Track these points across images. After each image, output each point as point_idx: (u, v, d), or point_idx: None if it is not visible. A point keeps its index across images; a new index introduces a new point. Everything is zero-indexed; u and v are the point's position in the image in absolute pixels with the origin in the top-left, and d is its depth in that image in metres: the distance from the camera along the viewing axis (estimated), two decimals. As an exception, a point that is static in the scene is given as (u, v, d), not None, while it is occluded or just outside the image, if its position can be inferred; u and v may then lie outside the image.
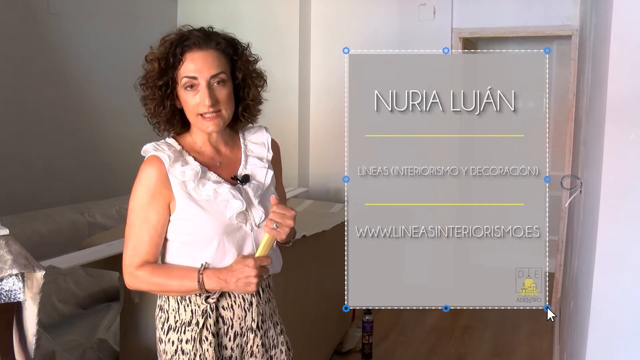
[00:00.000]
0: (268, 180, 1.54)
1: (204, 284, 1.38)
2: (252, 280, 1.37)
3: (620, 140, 1.29)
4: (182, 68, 1.39)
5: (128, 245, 1.43)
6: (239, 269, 1.37)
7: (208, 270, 1.40)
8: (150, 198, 1.40)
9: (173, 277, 1.41)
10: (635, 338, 1.32)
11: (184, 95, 1.40)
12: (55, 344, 2.33)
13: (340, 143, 4.53)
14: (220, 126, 1.44)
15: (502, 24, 4.04)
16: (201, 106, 1.39)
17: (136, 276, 1.42)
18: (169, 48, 1.40)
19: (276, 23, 4.38)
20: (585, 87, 2.45)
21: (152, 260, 1.43)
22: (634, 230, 1.29)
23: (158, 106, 1.42)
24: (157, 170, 1.40)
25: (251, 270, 1.36)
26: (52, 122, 3.60)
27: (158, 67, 1.40)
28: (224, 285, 1.39)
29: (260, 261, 1.39)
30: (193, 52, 1.39)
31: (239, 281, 1.37)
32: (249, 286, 1.38)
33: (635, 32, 1.25)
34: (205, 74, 1.39)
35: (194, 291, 1.41)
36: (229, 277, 1.38)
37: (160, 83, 1.40)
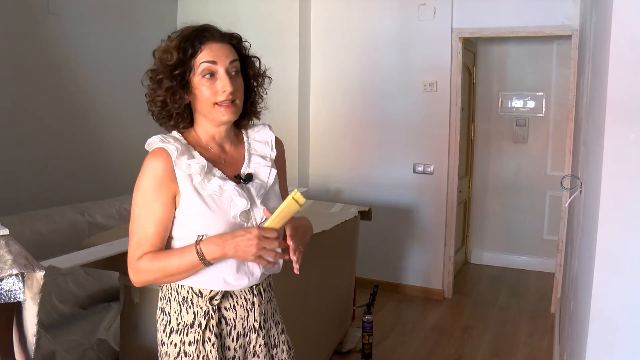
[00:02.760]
0: (271, 180, 1.55)
1: (203, 253, 1.35)
2: (251, 248, 1.32)
3: (620, 140, 1.29)
4: (200, 56, 1.40)
5: (132, 240, 1.41)
6: (240, 234, 1.34)
7: (206, 239, 1.37)
8: (156, 190, 1.38)
9: (172, 255, 1.38)
10: (635, 338, 1.32)
11: (201, 83, 1.40)
12: (55, 344, 2.34)
13: (340, 143, 4.55)
14: (235, 116, 1.45)
15: (502, 24, 4.04)
16: (220, 93, 1.40)
17: (138, 268, 1.39)
18: (187, 39, 1.40)
19: (276, 23, 4.38)
20: (585, 87, 2.45)
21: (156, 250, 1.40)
22: (634, 230, 1.29)
23: (172, 96, 1.41)
24: (164, 162, 1.39)
25: (252, 237, 1.32)
26: (52, 122, 3.60)
27: (176, 57, 1.39)
28: (223, 250, 1.35)
29: (264, 231, 1.34)
30: (210, 43, 1.41)
31: (238, 246, 1.33)
32: (247, 254, 1.33)
33: (635, 32, 1.25)
34: (225, 60, 1.41)
35: (196, 265, 1.36)
36: (227, 241, 1.34)
37: (176, 72, 1.39)
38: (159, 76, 1.41)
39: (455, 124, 4.27)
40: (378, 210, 3.98)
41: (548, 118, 5.02)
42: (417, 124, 4.34)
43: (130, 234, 1.41)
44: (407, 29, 4.29)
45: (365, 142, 4.53)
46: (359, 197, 4.49)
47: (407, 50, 4.31)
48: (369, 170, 4.53)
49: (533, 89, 5.06)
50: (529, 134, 5.11)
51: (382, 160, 4.48)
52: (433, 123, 4.30)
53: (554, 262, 4.27)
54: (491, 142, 5.25)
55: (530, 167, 5.12)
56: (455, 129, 4.28)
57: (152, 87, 1.44)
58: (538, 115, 5.07)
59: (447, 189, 4.34)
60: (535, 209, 5.12)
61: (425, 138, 4.34)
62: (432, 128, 4.31)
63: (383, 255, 4.54)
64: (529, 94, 5.08)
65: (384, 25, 4.35)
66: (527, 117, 5.10)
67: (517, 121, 5.13)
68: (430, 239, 4.43)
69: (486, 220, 5.34)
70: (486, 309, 4.27)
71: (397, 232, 4.50)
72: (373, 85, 4.45)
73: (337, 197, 4.56)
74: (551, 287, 4.25)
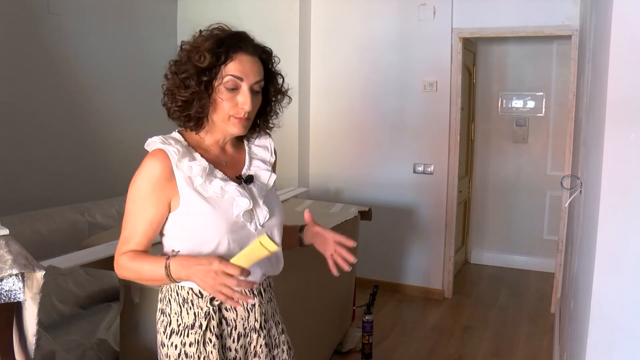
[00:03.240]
0: (271, 183, 1.56)
1: (170, 269, 1.32)
2: (209, 280, 1.26)
3: (620, 140, 1.29)
4: (229, 66, 1.38)
5: (122, 234, 1.41)
6: (202, 263, 1.28)
7: (176, 257, 1.35)
8: (151, 190, 1.38)
9: (146, 262, 1.37)
10: (635, 338, 1.32)
11: (222, 93, 1.38)
12: (55, 344, 2.33)
13: (340, 143, 4.55)
14: (245, 130, 1.44)
15: (502, 24, 4.05)
16: (239, 108, 1.39)
17: (119, 263, 1.40)
18: (221, 44, 1.37)
19: (276, 23, 4.38)
20: (585, 87, 2.45)
21: (139, 250, 1.40)
22: (634, 230, 1.29)
23: (197, 100, 1.38)
24: (163, 164, 1.38)
25: (210, 270, 1.26)
26: (51, 122, 3.60)
27: (209, 61, 1.35)
28: (186, 274, 1.31)
29: (226, 267, 1.25)
30: (243, 55, 1.39)
31: (197, 274, 1.28)
32: (206, 285, 1.27)
33: (635, 32, 1.25)
34: (251, 79, 1.39)
35: (163, 279, 1.34)
36: (192, 266, 1.29)
37: (204, 77, 1.37)
38: (184, 74, 1.38)
39: (455, 124, 4.27)
40: (378, 210, 3.98)
41: (548, 118, 5.02)
42: (417, 124, 4.34)
43: (122, 228, 1.42)
44: (407, 29, 4.29)
45: (365, 142, 4.53)
46: (359, 197, 4.49)
47: (407, 50, 4.31)
48: (369, 170, 4.53)
49: (533, 89, 5.06)
50: (529, 134, 5.11)
51: (382, 160, 4.48)
52: (433, 123, 4.30)
53: (554, 262, 4.27)
54: (491, 142, 5.25)
55: (530, 167, 5.12)
56: (455, 129, 4.28)
57: (175, 83, 1.40)
58: (538, 115, 5.07)
59: (447, 189, 4.34)
60: (535, 209, 5.12)
61: (425, 138, 4.34)
62: (432, 128, 4.31)
63: (383, 255, 4.54)
64: (529, 94, 5.08)
65: (384, 25, 4.36)
66: (527, 117, 5.10)
67: (517, 121, 5.13)
68: (430, 239, 4.43)
69: (486, 220, 5.34)
70: (486, 309, 4.27)
71: (397, 232, 4.50)
72: (373, 85, 4.45)
73: (337, 197, 4.56)
74: (551, 287, 4.25)
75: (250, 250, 1.31)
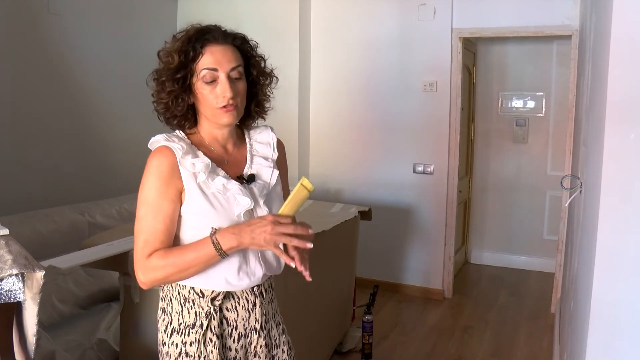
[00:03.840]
0: (274, 180, 1.55)
1: (220, 243, 1.33)
2: (266, 234, 1.30)
3: (620, 140, 1.29)
4: (202, 61, 1.39)
5: (139, 239, 1.37)
6: (255, 221, 1.33)
7: (221, 230, 1.36)
8: (163, 186, 1.37)
9: (187, 249, 1.36)
10: (635, 338, 1.32)
11: (202, 88, 1.40)
12: (55, 344, 2.34)
13: (340, 143, 4.55)
14: (235, 119, 1.45)
15: (502, 24, 4.05)
16: (221, 98, 1.40)
17: (147, 266, 1.35)
18: (188, 42, 1.39)
19: (276, 23, 4.38)
20: (585, 87, 2.45)
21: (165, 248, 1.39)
22: (633, 230, 1.29)
23: (175, 100, 1.41)
24: (169, 159, 1.38)
25: (267, 223, 1.31)
26: (51, 122, 3.60)
27: (177, 60, 1.38)
28: (239, 239, 1.33)
29: (279, 217, 1.33)
30: (212, 46, 1.40)
31: (254, 233, 1.31)
32: (264, 240, 1.31)
33: (635, 32, 1.25)
34: (226, 66, 1.40)
35: (212, 257, 1.34)
36: (243, 230, 1.33)
37: (178, 76, 1.39)
38: (162, 78, 1.41)
39: (455, 124, 4.27)
40: (378, 210, 3.98)
41: (548, 118, 5.02)
42: (417, 124, 4.34)
43: (136, 233, 1.39)
44: (407, 29, 4.29)
45: (365, 142, 4.53)
46: (359, 197, 4.49)
47: (407, 50, 4.31)
48: (369, 170, 4.53)
49: (533, 89, 5.06)
50: (529, 134, 5.11)
51: (382, 160, 4.48)
52: (433, 123, 4.30)
53: (554, 262, 4.28)
54: (491, 142, 5.25)
55: (530, 167, 5.12)
56: (455, 129, 4.28)
57: (156, 88, 1.43)
58: (538, 115, 5.07)
59: (447, 189, 4.34)
60: (535, 209, 5.12)
61: (425, 138, 4.34)
62: (432, 128, 4.31)
63: (383, 255, 4.54)
64: (529, 94, 5.08)
65: (384, 26, 4.36)
66: (527, 117, 5.10)
67: (517, 121, 5.13)
68: (430, 239, 4.43)
69: (486, 220, 5.34)
70: (486, 309, 4.27)
71: (397, 232, 4.50)
72: (373, 85, 4.45)
73: (337, 197, 4.56)
74: (551, 287, 4.25)
75: (294, 194, 1.36)
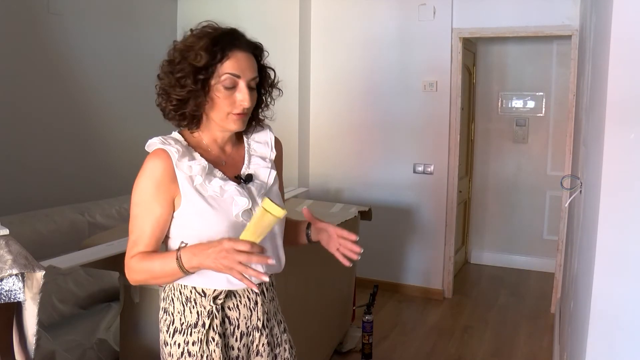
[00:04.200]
0: (271, 180, 1.55)
1: (182, 260, 1.32)
2: (223, 261, 1.25)
3: (620, 140, 1.29)
4: (225, 65, 1.38)
5: (130, 238, 1.41)
6: (214, 244, 1.28)
7: (186, 247, 1.35)
8: (155, 190, 1.38)
9: (156, 259, 1.37)
10: (635, 338, 1.32)
11: (219, 92, 1.39)
12: (55, 344, 2.34)
13: (340, 143, 4.55)
14: (244, 126, 1.46)
15: (502, 24, 4.05)
16: (238, 105, 1.40)
17: (129, 266, 1.39)
18: (216, 43, 1.37)
19: (276, 23, 4.38)
20: (585, 87, 2.45)
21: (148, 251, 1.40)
22: (633, 230, 1.29)
23: (193, 99, 1.38)
24: (164, 163, 1.38)
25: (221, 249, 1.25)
26: (51, 122, 3.60)
27: (205, 60, 1.36)
28: (199, 260, 1.30)
29: (236, 244, 1.25)
30: (238, 52, 1.40)
31: (210, 257, 1.27)
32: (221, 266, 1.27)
33: (635, 32, 1.25)
34: (247, 75, 1.40)
35: (176, 272, 1.34)
36: (203, 251, 1.29)
37: (200, 76, 1.37)
38: (179, 74, 1.37)
39: (455, 124, 4.27)
40: (378, 210, 3.98)
41: (548, 118, 5.02)
42: (417, 124, 4.34)
43: (129, 232, 1.42)
44: (407, 29, 4.29)
45: (365, 142, 4.53)
46: (359, 197, 4.49)
47: (407, 50, 4.31)
48: (369, 170, 4.53)
49: (533, 89, 5.06)
50: (529, 134, 5.11)
51: (382, 160, 4.48)
52: (433, 123, 4.30)
53: (554, 262, 4.28)
54: (491, 142, 5.25)
55: (530, 167, 5.12)
56: (455, 129, 4.28)
57: (170, 82, 1.40)
58: (538, 115, 5.07)
59: (447, 189, 4.34)
60: (535, 209, 5.12)
61: (425, 138, 4.34)
62: (432, 128, 4.31)
63: (383, 255, 4.54)
64: (529, 94, 5.08)
65: (384, 25, 4.36)
66: (527, 117, 5.10)
67: (517, 121, 5.13)
68: (430, 239, 4.43)
69: (486, 220, 5.34)
70: (486, 309, 4.26)
71: (397, 232, 4.50)
72: (373, 85, 4.45)
73: (337, 197, 4.56)
74: (551, 287, 4.25)
75: (256, 220, 1.30)
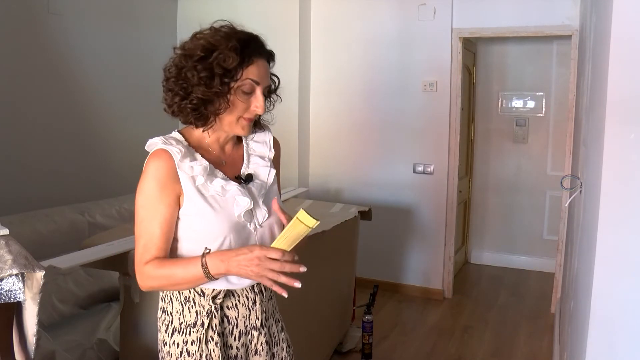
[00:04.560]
0: (270, 179, 1.56)
1: (208, 267, 1.32)
2: (253, 268, 1.28)
3: (620, 140, 1.29)
4: (250, 70, 1.39)
5: (139, 243, 1.39)
6: (242, 252, 1.30)
7: (211, 253, 1.35)
8: (160, 191, 1.37)
9: (178, 265, 1.36)
10: (635, 338, 1.32)
11: (239, 95, 1.39)
12: (55, 344, 2.34)
13: (340, 143, 4.55)
14: (250, 132, 1.49)
15: (502, 24, 4.05)
16: (251, 111, 1.42)
17: (144, 273, 1.38)
18: (245, 47, 1.38)
19: (276, 23, 4.38)
20: (585, 87, 2.45)
21: (162, 256, 1.39)
22: (634, 230, 1.29)
23: (219, 100, 1.38)
24: (167, 164, 1.38)
25: (253, 257, 1.28)
26: (51, 122, 3.60)
27: (236, 63, 1.36)
28: (226, 267, 1.32)
29: (268, 252, 1.29)
30: (259, 59, 1.42)
31: (240, 264, 1.30)
32: (250, 273, 1.30)
33: (635, 32, 1.25)
34: (265, 82, 1.43)
35: (200, 278, 1.34)
36: (231, 258, 1.31)
37: (227, 79, 1.37)
38: (204, 73, 1.35)
39: (455, 124, 4.27)
40: (378, 210, 3.98)
41: (548, 118, 5.03)
42: (417, 124, 4.34)
43: (136, 237, 1.40)
44: (407, 29, 4.29)
45: (365, 142, 4.53)
46: (359, 197, 4.49)
47: (407, 50, 4.31)
48: (369, 170, 4.53)
49: (533, 89, 5.06)
50: (529, 134, 5.11)
51: (382, 160, 4.48)
52: (433, 123, 4.30)
53: (554, 262, 4.27)
54: (491, 142, 5.25)
55: (530, 167, 5.12)
56: (455, 129, 4.28)
57: (191, 80, 1.36)
58: (538, 115, 5.07)
59: (447, 189, 4.34)
60: (535, 209, 5.12)
61: (425, 138, 4.34)
62: (432, 128, 4.31)
63: (383, 255, 4.54)
64: (529, 94, 5.08)
65: (384, 25, 4.36)
66: (527, 117, 5.10)
67: (517, 121, 5.13)
68: (430, 239, 4.43)
69: (486, 221, 5.34)
70: (486, 309, 4.26)
71: (397, 232, 4.50)
72: (373, 85, 4.45)
73: (337, 197, 4.56)
74: (551, 287, 4.25)
75: (289, 229, 1.31)
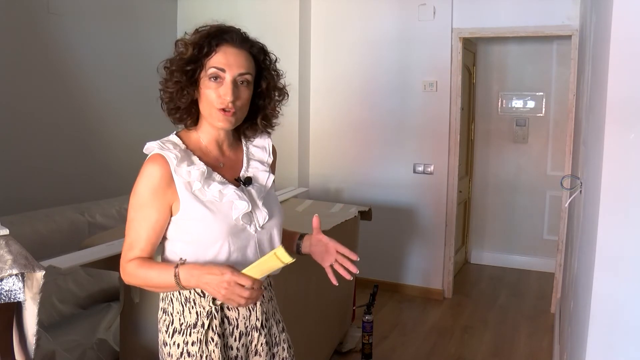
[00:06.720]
0: (269, 184, 1.56)
1: (179, 277, 1.33)
2: (221, 290, 1.29)
3: (620, 140, 1.29)
4: (213, 58, 1.40)
5: (126, 241, 1.43)
6: (214, 272, 1.30)
7: (185, 265, 1.35)
8: (152, 196, 1.39)
9: (153, 270, 1.38)
10: (635, 338, 1.32)
11: (207, 85, 1.40)
12: (55, 344, 2.34)
13: (340, 143, 4.55)
14: (232, 125, 1.44)
15: (502, 24, 4.05)
16: (221, 100, 1.39)
17: (125, 270, 1.41)
18: (206, 37, 1.40)
19: (276, 23, 4.38)
20: (585, 87, 2.45)
21: (144, 256, 1.41)
22: (634, 230, 1.29)
23: (180, 91, 1.41)
24: (162, 170, 1.38)
25: (223, 281, 1.28)
26: (51, 122, 3.60)
27: (191, 52, 1.39)
28: (197, 281, 1.32)
29: (238, 278, 1.28)
30: (227, 47, 1.41)
31: (209, 283, 1.30)
32: (217, 294, 1.30)
33: (635, 32, 1.25)
34: (234, 70, 1.40)
35: (172, 286, 1.36)
36: (203, 275, 1.31)
37: (188, 68, 1.39)
38: (172, 67, 1.42)
39: (455, 124, 4.27)
40: (378, 210, 3.98)
41: (548, 118, 5.03)
42: (417, 124, 4.34)
43: (125, 234, 1.43)
44: (407, 29, 4.29)
45: (365, 142, 4.53)
46: (359, 197, 4.49)
47: (407, 50, 4.31)
48: (369, 170, 4.53)
49: (533, 89, 5.06)
50: (529, 134, 5.11)
51: (382, 160, 4.48)
52: (433, 123, 4.30)
53: (554, 262, 4.28)
54: (491, 142, 5.25)
55: (530, 167, 5.12)
56: (455, 129, 4.28)
57: (165, 77, 1.44)
58: (538, 115, 5.07)
59: (447, 189, 4.34)
60: (535, 209, 5.12)
61: (425, 138, 4.34)
62: (432, 128, 4.31)
63: (383, 255, 4.54)
64: (529, 94, 5.08)
65: (384, 25, 4.36)
66: (527, 117, 5.10)
67: (517, 121, 5.13)
68: (430, 239, 4.43)
69: (486, 220, 5.34)
70: (486, 309, 4.26)
71: (397, 232, 4.50)
72: (373, 85, 4.45)
73: (337, 197, 4.56)
74: (551, 287, 4.25)
75: (264, 261, 1.32)
